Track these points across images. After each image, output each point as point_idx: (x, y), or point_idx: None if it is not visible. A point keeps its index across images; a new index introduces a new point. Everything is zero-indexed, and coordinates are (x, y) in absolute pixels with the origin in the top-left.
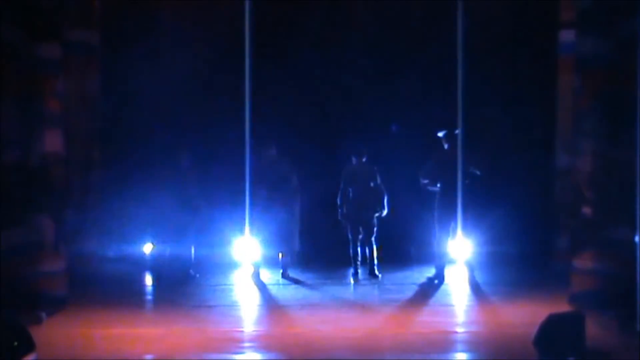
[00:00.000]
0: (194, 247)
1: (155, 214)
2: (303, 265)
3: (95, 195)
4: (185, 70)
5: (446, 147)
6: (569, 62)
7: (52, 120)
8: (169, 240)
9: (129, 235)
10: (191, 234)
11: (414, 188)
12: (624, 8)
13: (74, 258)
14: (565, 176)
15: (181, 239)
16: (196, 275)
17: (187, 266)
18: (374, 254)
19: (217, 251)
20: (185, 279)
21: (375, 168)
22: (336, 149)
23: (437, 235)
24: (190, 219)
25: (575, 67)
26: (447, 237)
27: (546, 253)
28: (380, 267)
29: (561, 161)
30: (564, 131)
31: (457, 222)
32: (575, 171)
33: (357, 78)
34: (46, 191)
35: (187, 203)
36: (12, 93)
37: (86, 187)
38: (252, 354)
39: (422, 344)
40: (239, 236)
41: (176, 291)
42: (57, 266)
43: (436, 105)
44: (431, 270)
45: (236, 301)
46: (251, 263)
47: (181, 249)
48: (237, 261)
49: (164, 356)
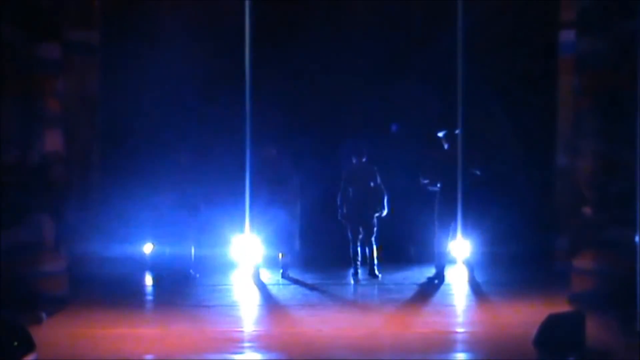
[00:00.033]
0: (193, 247)
1: (155, 214)
2: (303, 266)
3: (95, 195)
4: (185, 70)
5: (446, 147)
6: (569, 62)
7: (52, 120)
8: (169, 240)
9: (129, 235)
10: (191, 234)
11: (414, 188)
12: (624, 8)
13: (74, 258)
14: (565, 176)
15: (181, 239)
16: (196, 275)
17: (187, 266)
18: (374, 254)
19: (217, 251)
20: (185, 279)
21: (375, 168)
22: (336, 149)
23: (437, 235)
24: (190, 219)
25: (575, 67)
26: (447, 237)
27: (546, 253)
28: (380, 267)
29: (561, 161)
30: (564, 131)
31: (457, 222)
32: (575, 171)
33: (357, 78)
34: (46, 191)
35: (187, 203)
36: (12, 93)
37: (86, 187)
38: (252, 354)
39: (422, 344)
40: (239, 236)
41: (176, 291)
42: (57, 266)
43: (436, 105)
44: (431, 270)
45: (236, 301)
46: (251, 263)
47: (181, 249)
48: (236, 261)
49: (164, 356)
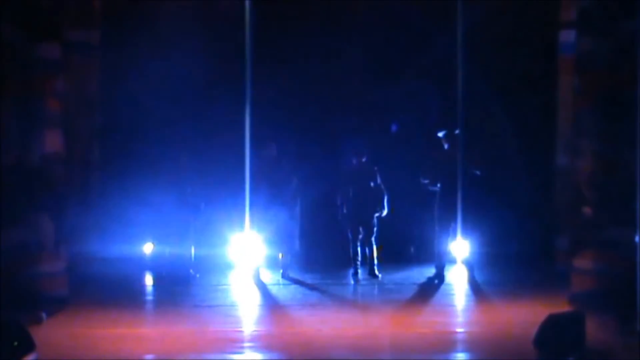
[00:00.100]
0: (194, 247)
1: (155, 214)
2: (303, 266)
3: (95, 195)
4: (185, 70)
5: (446, 147)
6: (569, 62)
7: (52, 120)
8: (168, 240)
9: (129, 235)
10: (191, 234)
11: (414, 188)
12: (624, 8)
13: (74, 258)
14: (565, 176)
15: (181, 239)
16: (196, 275)
17: (187, 266)
18: (374, 254)
19: (217, 251)
20: (185, 279)
21: (375, 168)
22: (336, 149)
23: (437, 235)
24: (190, 219)
25: (575, 67)
26: (447, 237)
27: (546, 253)
28: (380, 267)
29: (561, 161)
30: (564, 131)
31: (457, 222)
32: (575, 171)
33: (357, 78)
34: (46, 191)
35: (187, 203)
36: (12, 93)
37: (86, 187)
38: (252, 354)
39: (422, 344)
40: (239, 236)
41: (176, 291)
42: (57, 266)
43: (436, 106)
44: (431, 270)
45: (236, 301)
46: (251, 263)
47: (181, 249)
48: (236, 261)
49: (164, 356)
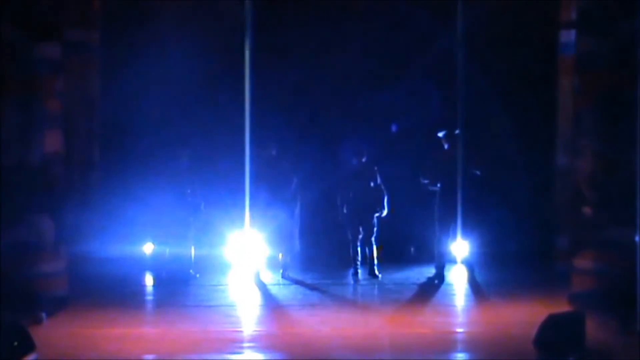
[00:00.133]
0: (193, 247)
1: (155, 214)
2: (303, 266)
3: (95, 195)
4: (185, 70)
5: (446, 147)
6: (569, 62)
7: (52, 120)
8: (169, 240)
9: (129, 235)
10: (191, 234)
11: (414, 188)
12: (624, 8)
13: (74, 258)
14: (565, 176)
15: (181, 239)
16: (196, 275)
17: (187, 266)
18: (374, 254)
19: (217, 251)
20: (185, 278)
21: (375, 168)
22: (336, 149)
23: (437, 235)
24: (190, 219)
25: (575, 67)
26: (447, 237)
27: (546, 253)
28: (380, 267)
29: (561, 161)
30: (564, 131)
31: (457, 222)
32: (575, 171)
33: (358, 78)
34: (46, 191)
35: (187, 203)
36: (12, 93)
37: (86, 187)
38: (252, 354)
39: (422, 344)
40: (239, 236)
41: (176, 291)
42: (57, 266)
43: (436, 106)
44: (431, 270)
45: (236, 301)
46: (251, 263)
47: (181, 249)
48: (236, 261)
49: (164, 356)
